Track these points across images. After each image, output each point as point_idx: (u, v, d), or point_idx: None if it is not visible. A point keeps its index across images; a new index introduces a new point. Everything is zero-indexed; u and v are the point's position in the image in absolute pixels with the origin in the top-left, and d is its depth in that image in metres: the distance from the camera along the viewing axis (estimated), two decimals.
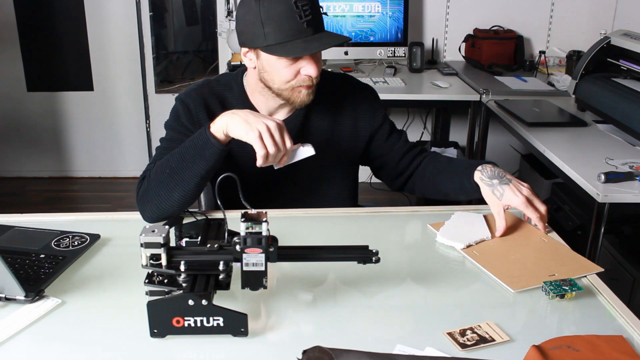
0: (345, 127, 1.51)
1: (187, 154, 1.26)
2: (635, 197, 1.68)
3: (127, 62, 3.75)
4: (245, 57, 1.38)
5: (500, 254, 1.24)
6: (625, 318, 1.02)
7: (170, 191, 1.27)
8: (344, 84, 1.55)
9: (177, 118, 1.45)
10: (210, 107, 1.44)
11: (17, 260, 1.16)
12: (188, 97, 1.45)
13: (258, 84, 1.40)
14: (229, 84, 1.48)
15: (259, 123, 1.20)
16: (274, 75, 1.34)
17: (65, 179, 3.94)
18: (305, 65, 1.32)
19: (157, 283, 1.00)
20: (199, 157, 1.25)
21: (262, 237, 0.97)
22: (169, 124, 1.47)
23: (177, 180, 1.27)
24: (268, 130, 1.19)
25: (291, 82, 1.34)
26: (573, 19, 3.48)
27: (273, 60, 1.32)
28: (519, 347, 0.94)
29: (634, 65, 2.28)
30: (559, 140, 2.15)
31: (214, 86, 1.48)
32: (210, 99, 1.45)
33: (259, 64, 1.35)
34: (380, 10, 3.19)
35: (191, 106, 1.43)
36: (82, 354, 0.93)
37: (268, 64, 1.33)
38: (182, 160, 1.27)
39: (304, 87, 1.35)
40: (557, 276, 1.14)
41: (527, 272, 1.17)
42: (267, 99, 1.43)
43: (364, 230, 1.35)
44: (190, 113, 1.43)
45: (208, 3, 4.44)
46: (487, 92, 2.76)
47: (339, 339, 0.95)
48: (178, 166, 1.27)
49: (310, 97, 1.38)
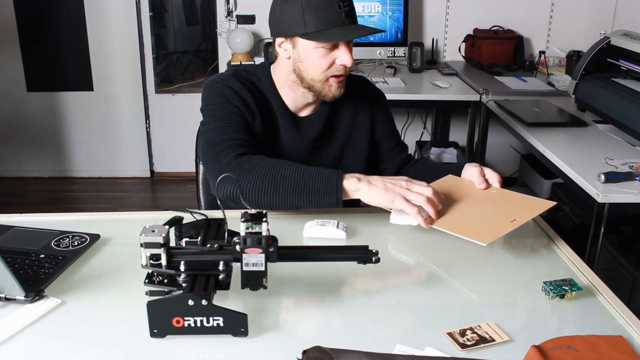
0: (364, 125, 1.56)
1: (308, 183, 1.24)
2: (635, 197, 1.68)
3: (127, 62, 3.75)
4: (280, 47, 1.40)
5: (460, 214, 1.25)
6: (625, 318, 1.02)
7: (265, 194, 1.25)
8: (362, 84, 1.60)
9: (228, 99, 1.41)
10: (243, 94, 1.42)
11: (17, 260, 1.16)
12: (229, 82, 1.43)
13: (290, 76, 1.42)
14: (257, 74, 1.49)
15: (396, 187, 1.22)
16: (309, 64, 1.37)
17: (65, 179, 3.94)
18: (341, 55, 1.36)
19: (157, 283, 1.00)
20: (315, 194, 1.24)
21: (262, 237, 0.97)
22: (215, 104, 1.42)
23: (281, 192, 1.25)
24: (408, 190, 1.21)
25: (326, 72, 1.37)
26: (573, 19, 3.49)
27: (310, 49, 1.35)
28: (519, 347, 0.94)
29: (633, 65, 2.28)
30: (559, 140, 2.15)
31: (243, 75, 1.47)
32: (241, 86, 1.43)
33: (295, 54, 1.38)
34: (380, 10, 3.19)
35: (237, 88, 1.41)
36: (82, 354, 0.93)
37: (304, 53, 1.36)
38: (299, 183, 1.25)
39: (336, 79, 1.38)
40: (518, 220, 1.19)
41: (491, 224, 1.20)
42: (296, 94, 1.45)
43: (364, 230, 1.35)
44: (238, 95, 1.41)
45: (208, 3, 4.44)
46: (487, 92, 2.77)
47: (339, 339, 0.95)
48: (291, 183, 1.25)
49: (341, 91, 1.42)
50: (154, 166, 4.02)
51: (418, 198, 1.20)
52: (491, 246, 1.31)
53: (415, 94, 2.87)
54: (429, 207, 1.20)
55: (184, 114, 3.79)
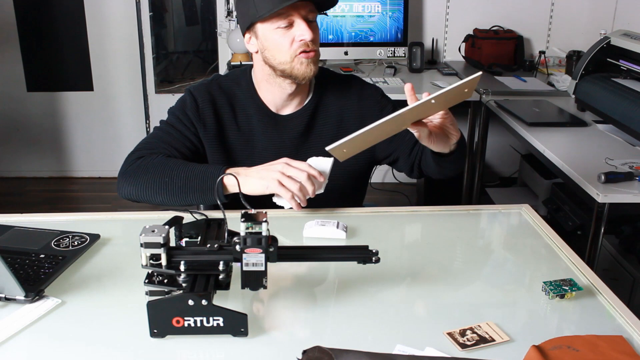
0: (352, 124, 1.52)
1: (192, 182, 1.32)
2: (635, 197, 1.68)
3: (127, 62, 3.75)
4: (249, 43, 1.44)
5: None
6: (625, 318, 1.02)
7: (156, 194, 1.35)
8: (350, 84, 1.57)
9: (184, 109, 1.48)
10: (217, 105, 1.48)
11: (17, 260, 1.16)
12: (197, 92, 1.49)
13: (264, 70, 1.44)
14: (237, 79, 1.52)
15: (271, 173, 1.27)
16: (273, 48, 1.38)
17: (65, 179, 3.94)
18: (298, 30, 1.36)
19: (157, 283, 1.00)
20: (200, 194, 1.32)
21: (262, 237, 0.97)
22: (173, 111, 1.50)
23: (169, 192, 1.34)
24: (283, 174, 1.26)
25: (289, 51, 1.37)
26: (573, 19, 3.49)
27: (269, 33, 1.37)
28: (518, 347, 0.94)
29: (634, 65, 2.28)
30: (559, 140, 2.15)
31: (223, 82, 1.52)
32: (218, 96, 1.49)
33: (260, 44, 1.41)
34: (380, 10, 3.19)
35: (199, 101, 1.47)
36: (82, 354, 0.93)
37: (265, 39, 1.38)
38: (184, 182, 1.33)
39: (304, 55, 1.38)
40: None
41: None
42: (274, 89, 1.46)
43: (364, 230, 1.35)
44: (197, 108, 1.47)
45: (208, 3, 4.44)
46: (487, 92, 2.76)
47: (339, 339, 0.95)
48: (177, 183, 1.33)
49: (312, 68, 1.40)
50: None
51: (293, 182, 1.25)
52: (491, 246, 1.32)
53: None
54: (308, 186, 1.25)
55: None
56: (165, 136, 1.46)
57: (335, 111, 1.53)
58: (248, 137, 1.49)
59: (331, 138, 1.48)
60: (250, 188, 1.28)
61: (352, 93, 1.55)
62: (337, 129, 1.52)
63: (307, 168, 1.27)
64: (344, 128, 1.51)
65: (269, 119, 1.49)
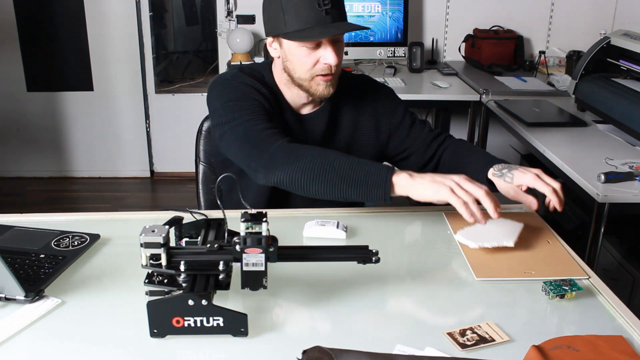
0: (367, 122, 1.54)
1: (357, 174, 1.21)
2: (635, 197, 1.68)
3: (127, 62, 3.75)
4: (271, 47, 1.42)
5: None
6: (625, 318, 1.02)
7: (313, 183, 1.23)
8: (364, 83, 1.58)
9: (245, 94, 1.39)
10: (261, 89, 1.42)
11: (17, 260, 1.16)
12: (242, 78, 1.42)
13: (283, 75, 1.43)
14: (261, 73, 1.48)
15: (446, 180, 1.16)
16: (295, 63, 1.37)
17: (65, 179, 3.94)
18: (324, 53, 1.34)
19: (157, 283, 1.00)
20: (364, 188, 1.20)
21: (262, 237, 0.97)
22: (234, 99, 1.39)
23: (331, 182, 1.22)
24: (458, 185, 1.15)
25: (311, 71, 1.36)
26: (573, 19, 3.49)
27: (294, 48, 1.34)
28: (519, 347, 0.94)
29: (634, 65, 2.28)
30: (559, 140, 2.15)
31: (248, 73, 1.46)
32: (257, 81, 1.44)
33: (282, 53, 1.39)
34: (380, 10, 3.19)
35: (251, 83, 1.41)
36: (82, 353, 0.93)
37: (290, 52, 1.36)
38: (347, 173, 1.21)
39: (323, 78, 1.37)
40: (534, 274, 1.15)
41: (503, 265, 1.19)
42: (292, 92, 1.45)
43: (364, 230, 1.35)
44: (255, 89, 1.41)
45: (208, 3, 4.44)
46: (487, 92, 2.76)
47: (339, 339, 0.95)
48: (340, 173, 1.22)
49: (330, 90, 1.40)
50: (153, 166, 4.02)
51: (466, 193, 1.14)
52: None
53: (415, 94, 2.86)
54: (474, 207, 1.13)
55: (184, 114, 3.78)
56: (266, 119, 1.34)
57: (351, 110, 1.53)
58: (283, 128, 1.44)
59: (348, 136, 1.52)
60: (418, 191, 1.17)
61: (366, 92, 1.55)
62: (353, 130, 1.53)
63: (486, 189, 1.16)
64: (360, 126, 1.53)
65: (294, 117, 1.48)
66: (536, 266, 1.19)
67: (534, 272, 1.16)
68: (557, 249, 1.27)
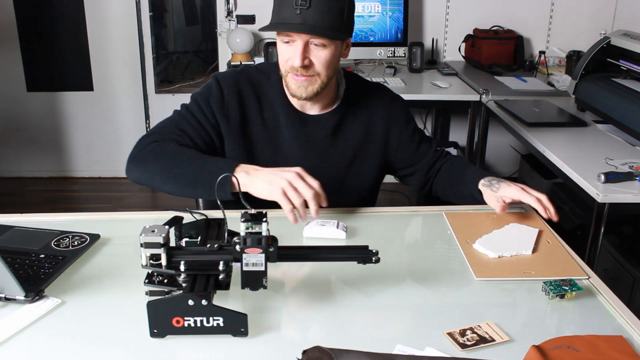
0: (378, 132, 1.53)
1: (201, 175, 1.29)
2: (635, 197, 1.68)
3: (127, 62, 3.75)
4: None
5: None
6: (625, 318, 1.02)
7: (164, 183, 1.33)
8: (378, 93, 1.56)
9: (207, 97, 1.45)
10: (243, 98, 1.45)
11: (17, 260, 1.16)
12: (225, 82, 1.46)
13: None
14: (269, 73, 1.49)
15: (279, 180, 1.21)
16: (277, 56, 1.40)
17: (65, 179, 3.94)
18: (292, 52, 1.35)
19: (157, 283, 1.00)
20: (207, 188, 1.27)
21: (262, 237, 0.97)
22: (196, 98, 1.46)
23: (177, 183, 1.31)
24: (290, 184, 1.20)
25: (284, 66, 1.38)
26: (573, 19, 3.49)
27: (278, 41, 1.38)
28: (519, 347, 0.94)
29: (634, 65, 2.28)
30: (559, 140, 2.15)
31: (253, 74, 1.49)
32: (246, 88, 1.46)
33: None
34: (380, 10, 3.19)
35: (225, 92, 1.44)
36: (82, 354, 0.93)
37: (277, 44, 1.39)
38: (193, 175, 1.30)
39: (294, 76, 1.37)
40: (534, 274, 1.15)
41: (503, 265, 1.19)
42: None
43: (364, 230, 1.35)
44: (223, 99, 1.44)
45: (208, 3, 4.44)
46: (487, 92, 2.76)
47: (339, 339, 0.95)
48: (186, 175, 1.30)
49: (303, 93, 1.38)
50: None
51: (297, 195, 1.19)
52: None
53: (415, 94, 2.86)
54: (302, 210, 1.19)
55: None
56: (182, 123, 1.42)
57: (364, 119, 1.52)
58: (273, 132, 1.47)
59: (355, 143, 1.51)
60: (255, 189, 1.22)
61: (380, 100, 1.54)
62: (363, 137, 1.51)
63: (317, 187, 1.21)
64: (370, 137, 1.52)
65: (296, 117, 1.47)
66: (536, 266, 1.19)
67: (534, 272, 1.16)
68: (557, 249, 1.27)
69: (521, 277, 1.15)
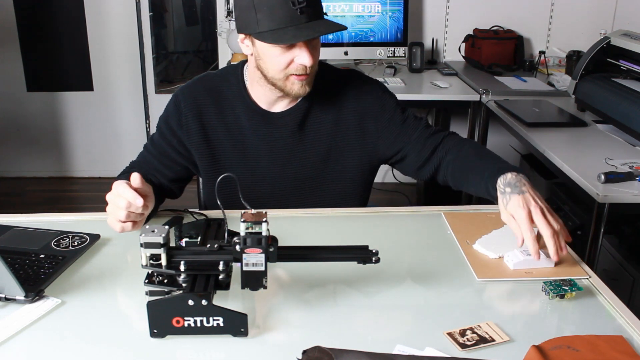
0: (350, 123, 1.45)
1: None
2: (635, 197, 1.68)
3: (127, 62, 3.75)
4: (243, 43, 1.35)
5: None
6: (625, 318, 1.02)
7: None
8: (349, 80, 1.48)
9: (167, 119, 1.46)
10: (201, 108, 1.44)
11: (17, 260, 1.16)
12: (182, 95, 1.46)
13: (256, 73, 1.37)
14: (227, 76, 1.46)
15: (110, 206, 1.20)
16: (268, 63, 1.31)
17: (65, 179, 3.94)
18: (299, 53, 1.28)
19: (157, 283, 1.00)
20: None
21: (262, 237, 0.96)
22: (159, 124, 1.49)
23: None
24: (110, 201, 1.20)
25: (285, 70, 1.31)
26: (573, 19, 3.48)
27: (267, 48, 1.29)
28: (518, 347, 0.94)
29: (634, 66, 2.28)
30: (559, 140, 2.15)
31: (211, 79, 1.47)
32: (202, 98, 1.44)
33: (255, 51, 1.33)
34: (380, 10, 3.19)
35: (182, 106, 1.44)
36: (82, 354, 0.93)
37: (262, 51, 1.31)
38: None
39: (297, 77, 1.32)
40: (534, 274, 1.15)
41: (503, 266, 1.19)
42: (265, 90, 1.39)
43: (364, 230, 1.35)
44: (180, 115, 1.44)
45: (208, 3, 4.44)
46: (487, 92, 2.76)
47: (339, 339, 0.95)
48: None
49: (306, 89, 1.35)
50: None
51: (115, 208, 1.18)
52: None
53: (415, 94, 2.86)
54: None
55: None
56: (149, 158, 1.47)
57: (332, 109, 1.45)
58: (237, 136, 1.44)
59: (328, 136, 1.45)
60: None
61: (350, 89, 1.46)
62: (334, 129, 1.45)
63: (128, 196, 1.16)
64: (342, 128, 1.45)
65: (259, 116, 1.43)
66: (536, 266, 1.19)
67: (534, 272, 1.16)
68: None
69: (521, 277, 1.15)
